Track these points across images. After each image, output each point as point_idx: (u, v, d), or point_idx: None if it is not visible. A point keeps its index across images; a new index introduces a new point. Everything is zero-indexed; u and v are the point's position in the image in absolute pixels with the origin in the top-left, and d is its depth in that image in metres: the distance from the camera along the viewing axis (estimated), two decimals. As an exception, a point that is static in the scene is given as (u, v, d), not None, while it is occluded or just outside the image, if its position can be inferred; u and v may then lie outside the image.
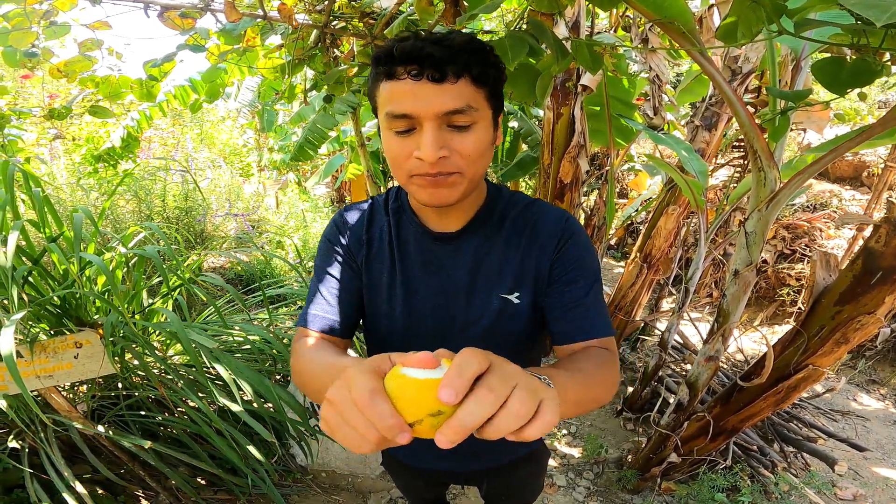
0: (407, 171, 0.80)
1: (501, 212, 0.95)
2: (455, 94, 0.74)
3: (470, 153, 0.78)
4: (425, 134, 0.75)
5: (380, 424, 0.47)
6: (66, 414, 1.50)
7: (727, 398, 1.88)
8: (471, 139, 0.78)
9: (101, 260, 1.12)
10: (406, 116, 0.75)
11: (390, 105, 0.76)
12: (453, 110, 0.74)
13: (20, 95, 4.65)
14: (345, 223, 0.98)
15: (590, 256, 0.93)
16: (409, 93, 0.74)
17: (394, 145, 0.79)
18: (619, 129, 2.69)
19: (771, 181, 1.32)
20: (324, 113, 3.40)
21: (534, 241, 0.92)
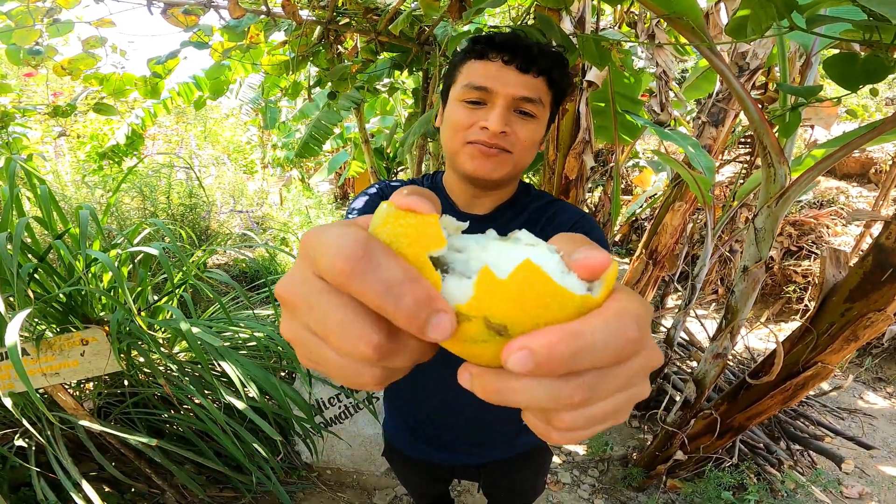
0: (464, 138, 0.86)
1: (525, 201, 1.00)
2: (532, 85, 0.84)
3: (525, 139, 0.86)
4: (496, 109, 0.83)
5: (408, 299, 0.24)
6: (72, 411, 1.50)
7: (734, 396, 1.87)
8: (530, 128, 0.86)
9: (107, 256, 1.11)
10: (484, 89, 0.83)
11: (473, 78, 0.84)
12: (526, 97, 0.83)
13: (24, 94, 4.66)
14: (386, 186, 1.03)
15: (603, 246, 0.93)
16: (495, 73, 0.83)
17: (459, 113, 0.86)
18: (624, 126, 2.66)
19: (781, 177, 1.31)
20: (328, 109, 3.39)
21: (548, 226, 0.96)
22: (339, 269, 0.24)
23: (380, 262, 0.24)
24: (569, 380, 0.25)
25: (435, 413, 1.11)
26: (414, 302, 0.24)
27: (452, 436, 1.14)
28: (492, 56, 0.83)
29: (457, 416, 1.10)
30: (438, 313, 0.24)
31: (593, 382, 0.26)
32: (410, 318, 0.24)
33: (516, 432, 1.19)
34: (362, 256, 0.24)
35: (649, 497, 2.30)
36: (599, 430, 0.29)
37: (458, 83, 0.88)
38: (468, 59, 0.87)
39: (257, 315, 2.12)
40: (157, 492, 1.95)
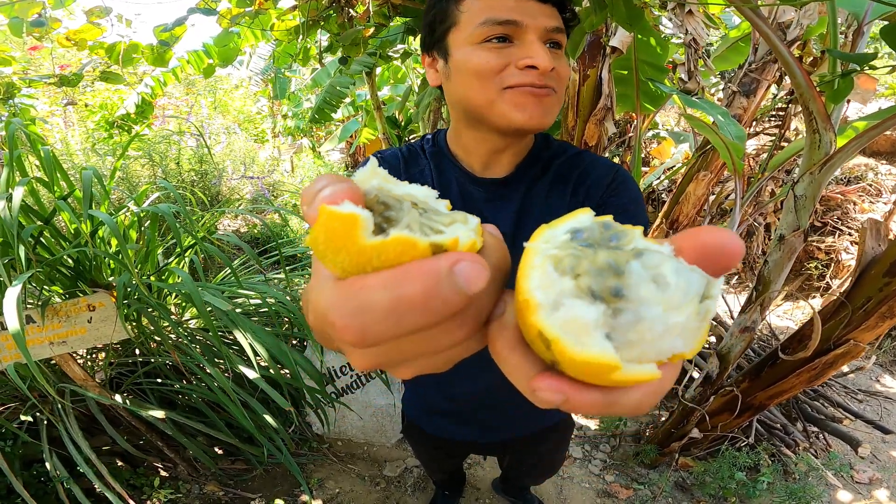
0: (500, 84, 0.73)
1: (548, 158, 0.88)
2: (554, 15, 0.74)
3: (563, 75, 0.76)
4: (535, 44, 0.71)
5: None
6: (82, 383, 1.48)
7: (757, 373, 1.81)
8: (563, 62, 0.76)
9: (110, 217, 1.06)
10: (511, 23, 0.71)
11: (490, 12, 0.71)
12: (556, 27, 0.73)
13: (30, 67, 4.61)
14: (382, 160, 0.91)
15: (639, 208, 0.85)
16: (515, 4, 0.71)
17: (485, 57, 0.72)
18: (647, 94, 2.57)
19: (826, 144, 1.23)
20: (340, 74, 3.31)
21: (580, 186, 0.85)
22: (351, 340, 0.23)
23: (367, 305, 0.22)
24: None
25: (461, 394, 1.07)
26: (422, 291, 0.22)
27: (478, 414, 1.10)
28: None
29: (482, 398, 1.06)
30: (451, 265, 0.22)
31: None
32: (431, 301, 0.22)
33: (542, 411, 1.14)
34: (350, 323, 0.23)
35: (661, 475, 2.28)
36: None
37: (467, 23, 0.73)
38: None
39: (269, 279, 2.08)
40: (170, 465, 1.96)
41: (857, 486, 2.32)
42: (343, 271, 0.24)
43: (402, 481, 2.19)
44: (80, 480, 1.55)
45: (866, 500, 2.25)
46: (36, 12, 2.53)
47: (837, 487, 2.26)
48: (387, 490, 2.14)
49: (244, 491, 1.99)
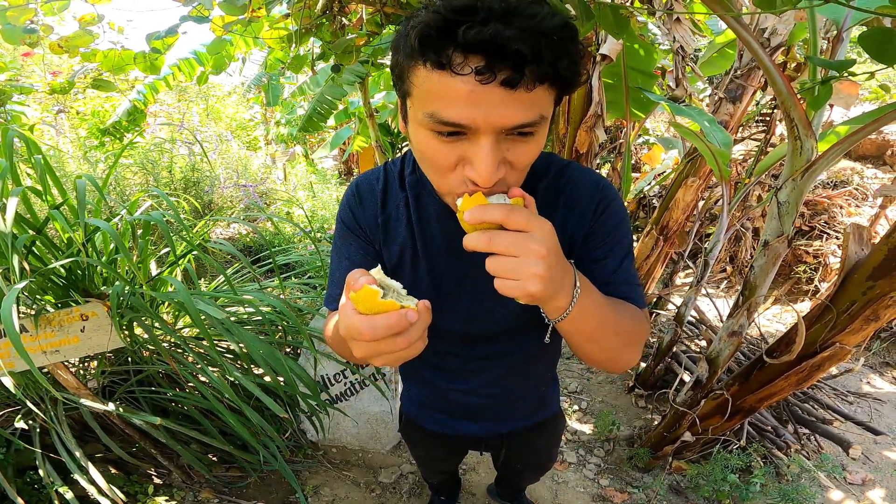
0: (449, 187, 0.67)
1: (531, 181, 0.82)
2: (529, 104, 0.58)
3: (525, 165, 0.67)
4: (481, 150, 0.60)
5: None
6: (74, 391, 1.48)
7: (746, 376, 1.83)
8: (531, 147, 0.64)
9: (106, 223, 1.07)
10: (458, 126, 0.59)
11: (437, 105, 0.59)
12: (523, 124, 0.60)
13: (23, 73, 4.60)
14: (358, 202, 0.89)
15: (625, 227, 0.86)
16: (469, 97, 0.56)
17: (433, 148, 0.64)
18: (637, 101, 2.60)
19: (807, 150, 1.26)
20: (332, 84, 3.33)
21: (568, 213, 0.84)
22: (366, 337, 0.55)
23: (375, 324, 0.55)
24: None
25: (457, 393, 1.09)
26: (384, 327, 0.55)
27: (474, 410, 1.13)
28: (458, 66, 0.55)
29: (479, 395, 1.09)
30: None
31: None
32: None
33: (537, 405, 1.19)
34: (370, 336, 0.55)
35: (654, 478, 2.29)
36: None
37: (417, 103, 0.62)
38: (418, 65, 0.59)
39: (262, 287, 2.08)
40: (164, 472, 1.95)
41: (850, 487, 2.34)
42: (365, 310, 0.56)
43: (398, 488, 2.19)
44: (74, 487, 1.55)
45: (859, 500, 2.27)
46: (28, 19, 2.53)
47: (830, 488, 2.28)
48: (382, 496, 2.14)
49: (239, 498, 1.99)
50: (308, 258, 2.47)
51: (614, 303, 0.79)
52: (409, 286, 0.91)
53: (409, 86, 0.62)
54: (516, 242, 0.56)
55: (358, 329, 0.55)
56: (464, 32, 0.53)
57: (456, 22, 0.54)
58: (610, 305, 0.75)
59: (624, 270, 0.85)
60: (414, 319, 0.54)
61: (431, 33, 0.55)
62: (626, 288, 0.85)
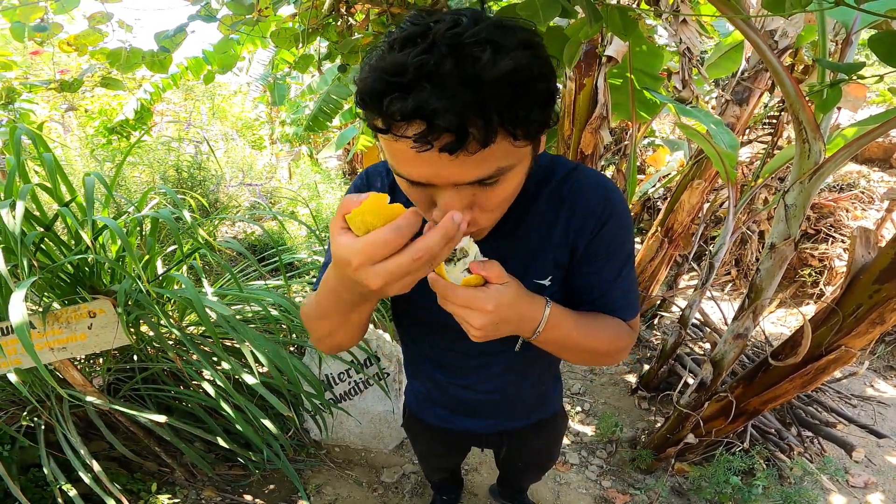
0: (430, 220, 0.66)
1: (535, 188, 0.83)
2: (480, 161, 0.56)
3: (497, 206, 0.67)
4: (442, 201, 0.61)
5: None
6: (80, 388, 1.49)
7: (751, 378, 1.83)
8: (500, 192, 0.63)
9: (113, 221, 1.08)
10: (417, 184, 0.60)
11: (392, 161, 0.60)
12: (480, 179, 0.58)
13: (31, 71, 4.62)
14: (368, 188, 0.90)
15: (627, 235, 0.85)
16: (415, 158, 0.55)
17: (406, 190, 0.66)
18: (643, 103, 2.60)
19: (815, 153, 1.25)
20: (338, 83, 3.33)
21: (572, 220, 0.83)
22: (371, 255, 0.52)
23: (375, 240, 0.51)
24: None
25: (457, 388, 1.10)
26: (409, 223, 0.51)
27: (474, 405, 1.13)
28: (397, 129, 0.53)
29: (478, 392, 1.09)
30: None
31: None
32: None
33: (537, 403, 1.20)
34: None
35: (657, 480, 2.29)
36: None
37: (382, 147, 0.63)
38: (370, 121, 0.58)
39: (268, 286, 2.09)
40: (167, 470, 1.96)
41: (852, 490, 2.33)
42: (366, 229, 0.52)
43: (400, 487, 2.20)
44: (78, 485, 1.55)
45: (861, 503, 2.26)
46: (38, 17, 2.55)
47: (832, 491, 2.28)
48: (384, 496, 2.14)
49: (241, 496, 2.00)
50: (313, 257, 2.47)
51: (592, 323, 0.82)
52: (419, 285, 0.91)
53: (375, 134, 0.60)
54: (468, 299, 0.63)
55: (372, 247, 0.51)
56: (388, 105, 0.51)
57: (386, 86, 0.51)
58: (584, 328, 0.79)
59: (622, 280, 0.85)
60: (419, 216, 0.51)
61: (366, 100, 0.54)
62: (620, 299, 0.86)
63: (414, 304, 0.95)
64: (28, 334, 0.96)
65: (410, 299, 0.94)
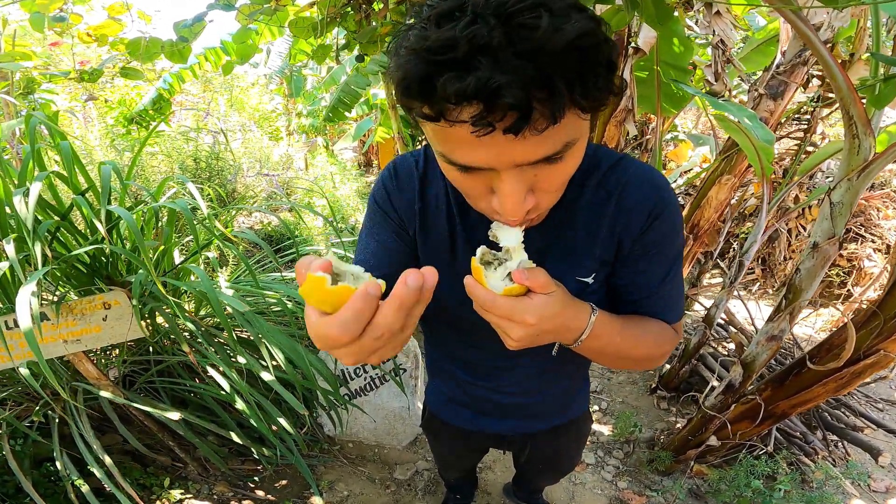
0: (482, 210, 0.64)
1: (581, 178, 0.77)
2: (547, 138, 0.50)
3: (559, 186, 0.61)
4: (504, 185, 0.55)
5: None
6: (95, 381, 1.47)
7: (781, 381, 1.76)
8: (562, 168, 0.57)
9: (126, 211, 1.05)
10: (473, 169, 0.55)
11: (444, 148, 0.54)
12: (545, 157, 0.53)
13: (51, 63, 4.66)
14: (395, 184, 0.84)
15: (677, 233, 0.79)
16: (473, 143, 0.50)
17: (457, 180, 0.60)
18: (669, 96, 2.52)
19: (865, 149, 1.19)
20: (356, 73, 3.29)
21: (619, 215, 0.76)
22: (337, 338, 0.46)
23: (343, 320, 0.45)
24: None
25: (485, 390, 1.05)
26: (354, 317, 0.45)
27: (502, 408, 1.08)
28: (450, 114, 0.48)
29: (507, 394, 1.04)
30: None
31: None
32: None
33: (566, 405, 1.14)
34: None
35: (675, 482, 2.23)
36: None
37: (429, 136, 0.56)
38: (412, 111, 0.53)
39: (284, 278, 2.06)
40: (180, 465, 1.94)
41: (874, 495, 2.27)
42: (321, 306, 0.47)
43: (413, 484, 2.17)
44: (90, 480, 1.54)
45: (883, 508, 2.20)
46: (57, 7, 2.55)
47: (854, 496, 2.21)
48: (397, 493, 2.12)
49: (253, 492, 1.98)
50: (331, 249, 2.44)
51: (636, 329, 0.77)
52: (445, 282, 0.86)
53: (419, 124, 0.55)
54: (509, 311, 0.57)
55: (327, 335, 0.45)
56: (443, 86, 0.45)
57: (436, 68, 0.46)
58: (629, 335, 0.74)
59: (669, 281, 0.80)
60: (376, 291, 0.44)
61: (411, 86, 0.48)
62: (666, 301, 0.81)
63: (442, 300, 0.90)
64: (38, 328, 0.93)
65: (438, 296, 0.89)
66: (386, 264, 0.83)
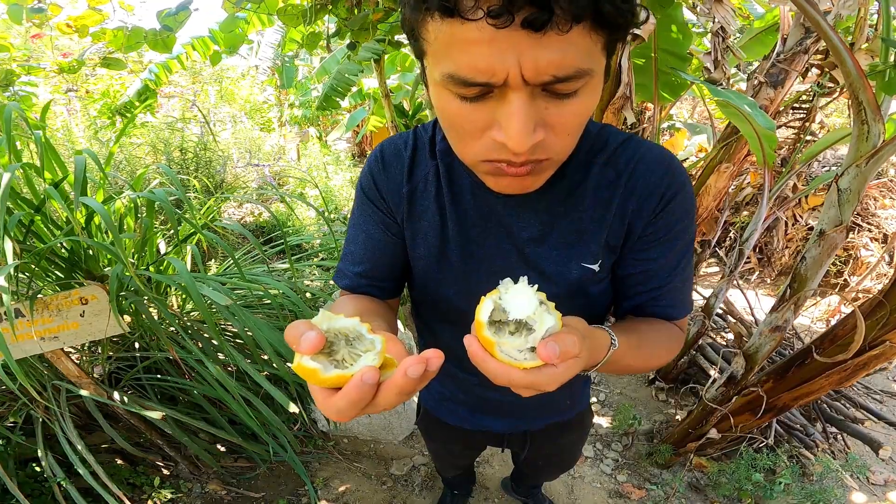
0: (476, 154, 0.56)
1: (586, 156, 0.71)
2: (564, 49, 0.46)
3: (571, 130, 0.54)
4: (511, 106, 0.49)
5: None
6: (76, 380, 1.41)
7: (783, 373, 1.73)
8: (575, 109, 0.52)
9: (99, 204, 0.99)
10: (479, 84, 0.49)
11: (452, 61, 0.49)
12: (559, 78, 0.48)
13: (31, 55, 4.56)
14: (381, 168, 0.78)
15: (691, 218, 0.73)
16: (486, 46, 0.46)
17: (455, 113, 0.53)
18: (667, 84, 2.48)
19: (874, 136, 1.15)
20: (348, 61, 3.23)
21: (629, 196, 0.70)
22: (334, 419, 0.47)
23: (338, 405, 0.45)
24: None
25: (483, 388, 1.00)
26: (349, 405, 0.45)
27: (500, 406, 1.04)
28: (466, 9, 0.44)
29: (506, 391, 1.00)
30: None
31: None
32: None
33: (567, 401, 1.10)
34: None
35: (674, 475, 2.21)
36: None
37: (433, 61, 0.52)
38: (426, 15, 0.49)
39: (273, 269, 2.00)
40: (171, 463, 1.89)
41: (873, 488, 2.26)
42: (321, 385, 0.46)
43: (410, 480, 2.13)
44: (78, 480, 1.49)
45: (881, 502, 2.19)
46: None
47: (853, 489, 2.20)
48: (393, 489, 2.08)
49: (247, 490, 1.94)
50: (321, 239, 2.38)
51: (649, 343, 0.72)
52: (437, 270, 0.82)
53: (423, 43, 0.52)
54: (530, 382, 0.51)
55: (328, 414, 0.47)
56: None
57: None
58: (641, 353, 0.69)
59: (681, 270, 0.75)
60: (372, 380, 0.43)
61: None
62: (678, 293, 0.77)
63: (431, 292, 0.85)
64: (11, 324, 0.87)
65: (428, 287, 0.84)
66: (374, 257, 0.81)
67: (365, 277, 0.82)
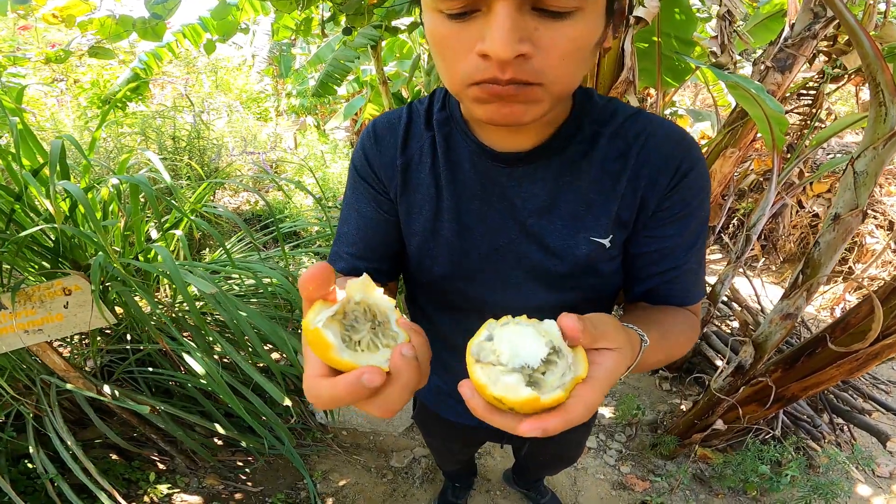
0: (463, 76, 0.52)
1: (594, 126, 0.67)
2: None
3: (563, 54, 0.50)
4: (496, 16, 0.46)
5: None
6: (63, 374, 1.36)
7: (792, 362, 1.69)
8: (568, 32, 0.48)
9: (78, 189, 0.94)
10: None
11: None
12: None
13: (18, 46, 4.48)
14: (373, 142, 0.74)
15: (706, 195, 0.69)
16: None
17: (443, 34, 0.51)
18: (671, 69, 2.43)
19: (892, 118, 1.10)
20: (344, 47, 3.16)
21: (642, 168, 0.66)
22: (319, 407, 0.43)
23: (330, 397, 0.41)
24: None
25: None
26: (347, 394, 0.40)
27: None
28: None
29: None
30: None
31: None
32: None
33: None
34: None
35: (679, 466, 2.18)
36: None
37: None
38: None
39: (268, 257, 1.95)
40: (167, 458, 1.85)
41: (878, 480, 2.24)
42: (319, 355, 0.42)
43: (410, 472, 2.10)
44: (71, 476, 1.45)
45: (886, 494, 2.16)
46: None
47: (859, 481, 2.17)
48: (394, 482, 2.04)
49: (245, 484, 1.90)
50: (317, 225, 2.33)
51: (670, 338, 0.66)
52: (431, 247, 0.76)
53: None
54: (564, 423, 0.42)
55: (317, 400, 0.42)
56: None
57: None
58: (662, 350, 0.63)
59: (696, 251, 0.71)
60: (373, 384, 0.38)
61: None
62: (694, 274, 0.72)
63: (425, 272, 0.80)
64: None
65: (421, 268, 0.80)
66: (367, 237, 0.78)
67: (361, 259, 0.78)
